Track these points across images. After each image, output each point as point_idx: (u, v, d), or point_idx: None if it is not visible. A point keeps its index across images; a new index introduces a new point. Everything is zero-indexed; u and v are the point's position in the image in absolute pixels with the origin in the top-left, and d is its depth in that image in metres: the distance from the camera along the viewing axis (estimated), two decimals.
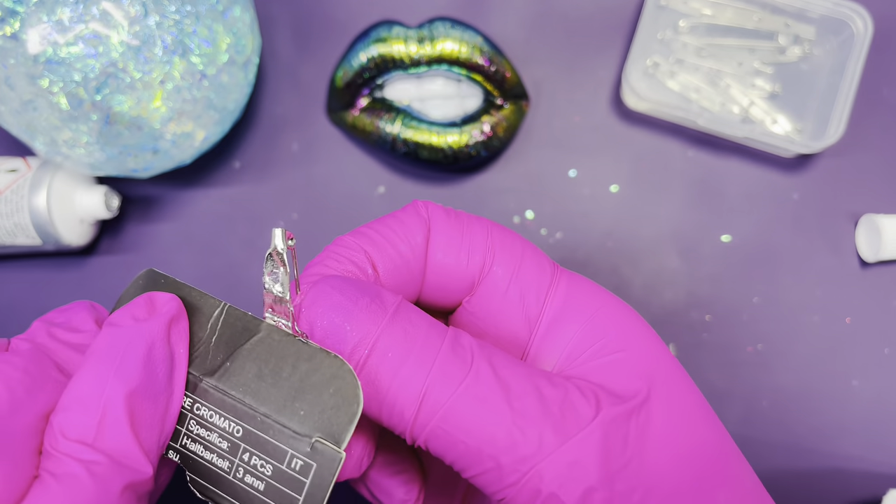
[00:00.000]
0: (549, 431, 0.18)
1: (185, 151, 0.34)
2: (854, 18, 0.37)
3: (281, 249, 0.19)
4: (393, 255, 0.22)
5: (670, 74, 0.39)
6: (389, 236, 0.22)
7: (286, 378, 0.20)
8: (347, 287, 0.20)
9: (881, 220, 0.36)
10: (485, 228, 0.23)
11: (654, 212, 0.38)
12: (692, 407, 0.21)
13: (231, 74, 0.33)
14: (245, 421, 0.20)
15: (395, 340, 0.19)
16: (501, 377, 0.19)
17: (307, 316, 0.19)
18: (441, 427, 0.18)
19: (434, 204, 0.23)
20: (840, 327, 0.38)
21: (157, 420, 0.20)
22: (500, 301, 0.22)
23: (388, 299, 0.20)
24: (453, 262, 0.22)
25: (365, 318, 0.19)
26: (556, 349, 0.21)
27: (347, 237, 0.22)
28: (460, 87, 0.37)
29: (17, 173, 0.35)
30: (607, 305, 0.22)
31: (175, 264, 0.39)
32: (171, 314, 0.20)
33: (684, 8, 0.39)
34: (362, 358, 0.19)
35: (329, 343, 0.19)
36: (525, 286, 0.22)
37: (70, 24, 0.29)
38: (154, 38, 0.30)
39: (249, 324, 0.21)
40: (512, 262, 0.22)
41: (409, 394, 0.18)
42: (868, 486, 0.37)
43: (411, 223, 0.22)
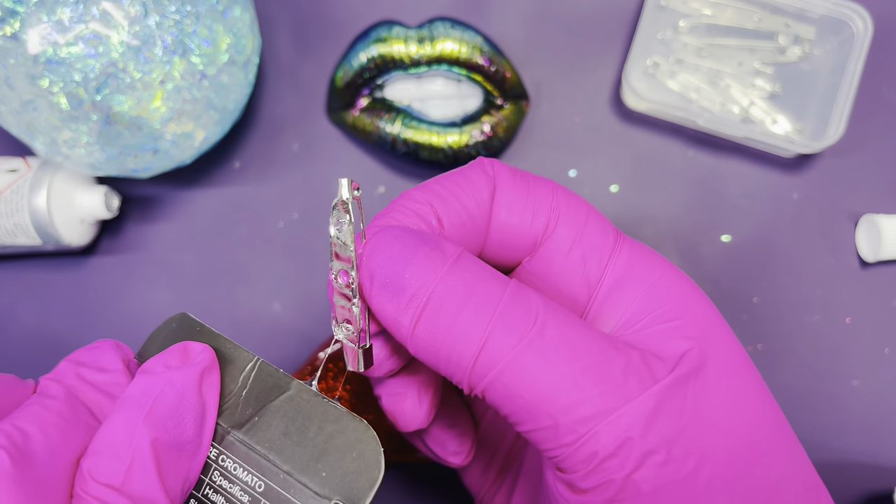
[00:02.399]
0: (610, 394, 0.18)
1: (185, 151, 0.34)
2: (854, 18, 0.37)
3: (346, 199, 0.19)
4: (459, 209, 0.22)
5: (670, 74, 0.39)
6: (456, 191, 0.22)
7: (311, 438, 0.20)
8: (407, 236, 0.19)
9: (881, 220, 0.36)
10: (550, 189, 0.22)
11: (654, 212, 0.38)
12: (748, 379, 0.21)
13: (231, 74, 0.33)
14: (268, 477, 0.20)
15: (455, 289, 0.19)
16: (566, 336, 0.19)
17: (367, 265, 0.19)
18: (500, 380, 0.18)
19: (500, 162, 0.23)
20: (840, 327, 0.38)
21: (183, 468, 0.20)
22: (561, 263, 0.22)
23: (448, 249, 0.19)
24: (517, 221, 0.22)
25: (424, 266, 0.19)
26: (614, 314, 0.21)
27: (415, 191, 0.22)
28: (460, 87, 0.37)
29: (17, 173, 0.35)
30: (668, 274, 0.22)
31: (175, 264, 0.39)
32: (203, 365, 0.21)
33: (684, 8, 0.39)
34: (421, 305, 0.19)
35: (389, 290, 0.19)
36: (587, 249, 0.22)
37: (70, 24, 0.29)
38: (154, 38, 0.30)
39: (280, 381, 0.21)
40: (576, 224, 0.22)
41: (467, 342, 0.18)
42: (868, 485, 0.37)
43: (478, 180, 0.22)
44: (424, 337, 0.19)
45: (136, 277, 0.39)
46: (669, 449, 0.18)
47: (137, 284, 0.39)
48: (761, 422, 0.20)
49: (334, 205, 0.19)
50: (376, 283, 0.19)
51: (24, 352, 0.39)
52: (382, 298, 0.19)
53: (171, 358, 0.21)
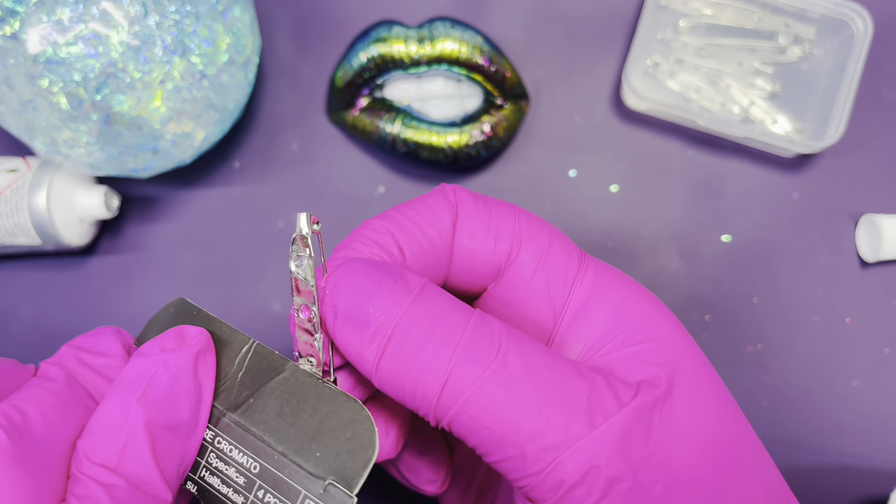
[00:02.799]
0: (575, 422, 0.18)
1: (185, 151, 0.34)
2: (854, 18, 0.37)
3: (305, 233, 0.19)
4: (420, 238, 0.22)
5: (670, 74, 0.39)
6: (417, 220, 0.22)
7: (306, 419, 0.20)
8: (370, 269, 0.20)
9: (881, 220, 0.36)
10: (512, 214, 0.23)
11: (654, 212, 0.38)
12: (716, 399, 0.21)
13: (231, 74, 0.33)
14: (263, 458, 0.20)
15: (419, 321, 0.19)
16: (529, 364, 0.19)
17: (331, 298, 0.19)
18: (464, 411, 0.18)
19: (462, 188, 0.23)
20: (840, 327, 0.38)
21: (179, 450, 0.20)
22: (525, 288, 0.22)
23: (412, 280, 0.19)
24: (480, 248, 0.22)
25: (388, 298, 0.19)
26: (580, 338, 0.21)
27: (375, 220, 0.22)
28: (460, 87, 0.37)
29: (17, 173, 0.35)
30: (633, 295, 0.22)
31: (175, 264, 0.39)
32: (199, 347, 0.21)
33: (684, 8, 0.39)
34: (385, 339, 0.19)
35: (352, 324, 0.19)
36: (551, 274, 0.22)
37: (70, 24, 0.29)
38: (154, 38, 0.30)
39: (276, 362, 0.21)
40: (539, 249, 0.22)
41: (431, 375, 0.18)
42: (869, 485, 0.37)
43: (439, 207, 0.22)
44: (389, 371, 0.19)
45: (136, 277, 0.39)
46: (636, 475, 0.18)
47: (137, 284, 0.39)
48: (729, 442, 0.20)
49: (294, 239, 0.19)
50: (340, 317, 0.19)
51: (24, 351, 0.39)
52: (346, 333, 0.19)
53: (167, 341, 0.21)
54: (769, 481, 0.21)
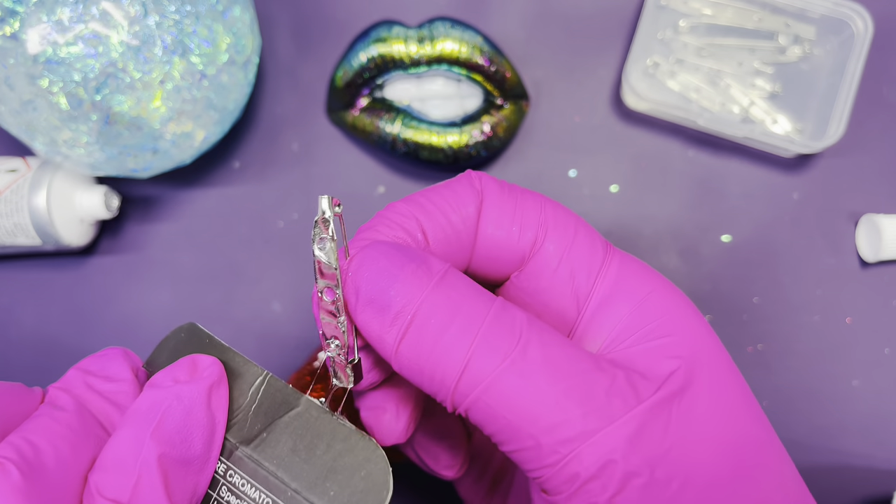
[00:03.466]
0: (593, 415, 0.18)
1: (185, 151, 0.34)
2: (854, 18, 0.37)
3: (328, 216, 0.19)
4: (444, 223, 0.21)
5: (670, 74, 0.39)
6: (441, 205, 0.22)
7: (319, 456, 0.20)
8: (394, 252, 0.19)
9: (881, 220, 0.36)
10: (538, 203, 0.22)
11: (654, 212, 0.38)
12: (736, 397, 0.20)
13: (231, 74, 0.33)
14: (275, 494, 0.20)
15: (440, 306, 0.19)
16: (549, 355, 0.19)
17: (353, 281, 0.19)
18: (482, 399, 0.18)
19: (488, 175, 0.23)
20: (840, 327, 0.38)
21: (190, 483, 0.20)
22: (549, 278, 0.22)
23: (434, 266, 0.19)
24: (504, 236, 0.22)
25: (410, 283, 0.19)
26: (603, 330, 0.21)
27: (400, 203, 0.22)
28: (460, 87, 0.37)
29: (17, 173, 0.35)
30: (658, 289, 0.21)
31: (175, 264, 0.39)
32: (212, 379, 0.21)
33: (684, 8, 0.39)
34: (405, 323, 0.19)
35: (374, 307, 0.19)
36: (576, 264, 0.22)
37: (70, 24, 0.29)
38: (154, 38, 0.30)
39: (289, 396, 0.21)
40: (564, 239, 0.22)
41: (451, 361, 0.18)
42: (869, 485, 0.37)
43: (464, 193, 0.22)
44: (408, 354, 0.19)
45: (136, 277, 0.39)
46: (652, 471, 0.18)
47: (137, 284, 0.39)
48: (747, 440, 0.20)
49: (316, 222, 0.19)
50: (361, 299, 0.19)
51: (24, 352, 0.39)
52: (367, 315, 0.19)
53: (180, 371, 0.21)
54: (786, 482, 0.21)
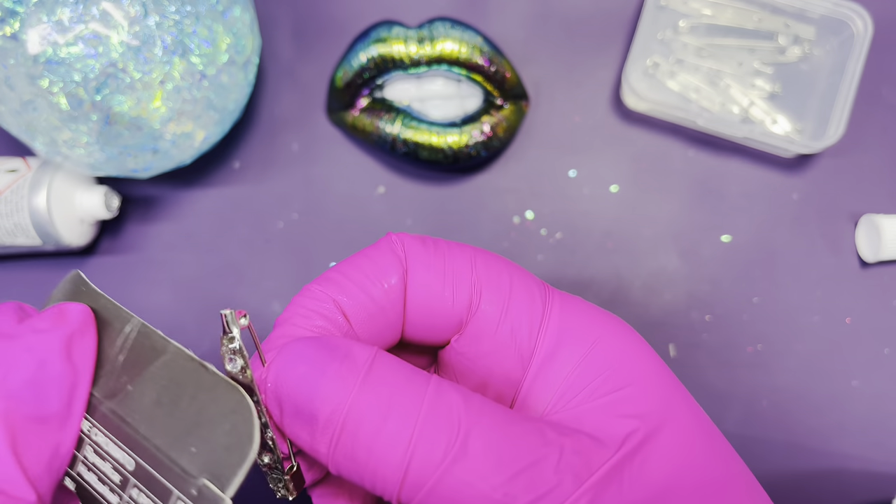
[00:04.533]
0: (545, 499, 0.17)
1: (185, 151, 0.34)
2: (854, 18, 0.37)
3: (234, 335, 0.18)
4: (365, 301, 0.20)
5: (670, 74, 0.39)
6: (360, 281, 0.20)
7: (184, 409, 0.18)
8: (312, 352, 0.18)
9: (881, 220, 0.36)
10: (467, 259, 0.21)
11: (654, 212, 0.38)
12: (699, 442, 0.20)
13: (231, 74, 0.33)
14: (138, 453, 0.18)
15: (370, 405, 0.17)
16: (491, 442, 0.18)
17: (274, 393, 0.18)
18: (428, 501, 0.18)
19: (409, 236, 0.22)
20: (840, 327, 0.38)
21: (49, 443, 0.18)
22: (490, 340, 0.21)
23: (359, 357, 0.18)
24: (437, 302, 0.21)
25: (334, 385, 0.18)
26: (549, 388, 0.20)
27: (314, 286, 0.21)
28: (460, 87, 0.37)
29: (17, 173, 0.35)
30: (605, 335, 0.21)
31: (175, 264, 0.39)
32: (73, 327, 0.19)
33: (684, 8, 0.39)
34: (336, 431, 0.17)
35: (300, 419, 0.18)
36: (516, 321, 0.21)
37: (70, 25, 0.29)
38: (154, 38, 0.30)
39: (157, 343, 0.19)
40: (500, 295, 0.21)
41: (389, 466, 0.17)
42: (869, 486, 0.37)
43: (385, 263, 0.21)
44: (344, 463, 0.18)
45: (136, 277, 0.39)
46: None
47: (137, 284, 0.39)
48: (711, 483, 0.19)
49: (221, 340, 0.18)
50: (286, 411, 0.18)
51: None
52: (295, 427, 0.18)
53: (43, 321, 0.19)
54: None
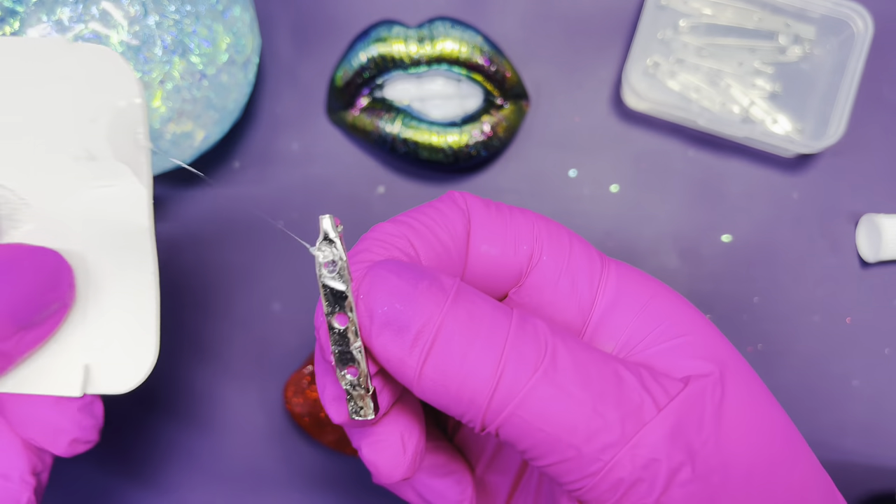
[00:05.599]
0: (630, 417, 0.18)
1: (184, 151, 0.34)
2: (854, 18, 0.37)
3: (333, 237, 0.18)
4: (434, 243, 0.21)
5: (670, 74, 0.39)
6: (430, 225, 0.21)
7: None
8: (405, 270, 0.19)
9: (881, 220, 0.36)
10: (529, 219, 0.22)
11: (654, 212, 0.38)
12: (758, 389, 0.20)
13: (231, 74, 0.33)
14: None
15: (461, 323, 0.18)
16: (578, 361, 0.18)
17: (366, 304, 0.18)
18: (517, 414, 0.18)
19: (471, 195, 0.22)
20: (840, 327, 0.38)
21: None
22: (551, 291, 0.21)
23: (446, 282, 0.18)
24: (499, 253, 0.21)
25: (426, 301, 0.18)
26: (612, 337, 0.21)
27: (387, 225, 0.21)
28: (460, 87, 0.37)
29: None
30: (660, 294, 0.21)
31: (175, 264, 0.39)
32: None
33: (684, 8, 0.39)
34: (428, 343, 0.18)
35: (392, 329, 0.18)
36: (576, 275, 0.21)
37: (70, 24, 0.29)
38: (154, 37, 0.30)
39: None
40: (561, 250, 0.21)
41: (480, 378, 0.18)
42: (868, 486, 0.37)
43: (451, 213, 0.21)
44: (433, 377, 0.18)
45: None
46: (694, 467, 0.18)
47: None
48: (777, 432, 0.20)
49: (319, 246, 0.18)
50: (376, 322, 0.18)
51: None
52: (385, 338, 0.18)
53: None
54: (816, 472, 0.20)
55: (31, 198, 0.20)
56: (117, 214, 0.20)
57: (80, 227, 0.20)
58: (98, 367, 0.21)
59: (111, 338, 0.21)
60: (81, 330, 0.21)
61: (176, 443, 0.38)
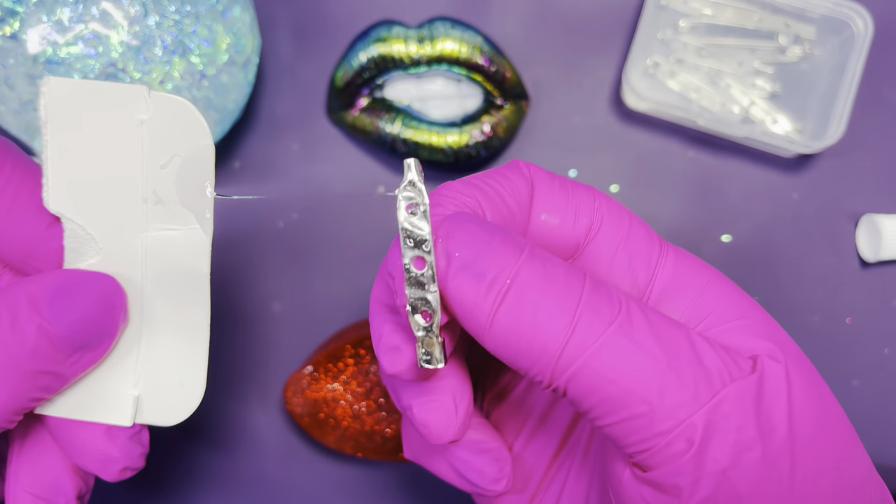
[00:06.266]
0: (704, 381, 0.17)
1: None
2: (854, 18, 0.37)
3: (417, 181, 0.18)
4: (501, 206, 0.20)
5: (670, 74, 0.39)
6: (497, 188, 0.21)
7: None
8: (482, 221, 0.19)
9: (881, 220, 0.36)
10: (590, 193, 0.22)
11: (654, 212, 0.38)
12: (819, 380, 0.20)
13: (231, 74, 0.33)
14: None
15: (536, 274, 0.18)
16: (651, 320, 0.18)
17: (444, 247, 0.18)
18: (589, 365, 0.17)
19: (536, 165, 0.22)
20: (840, 327, 0.38)
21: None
22: (608, 266, 0.21)
23: (520, 239, 0.18)
24: (558, 223, 0.21)
25: (504, 250, 0.18)
26: (672, 315, 0.20)
27: (456, 184, 0.21)
28: (460, 87, 0.37)
29: None
30: (718, 280, 0.21)
31: None
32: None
33: (684, 8, 0.39)
34: (503, 289, 0.17)
35: (468, 273, 0.18)
36: (634, 253, 0.21)
37: (70, 25, 0.29)
38: (154, 38, 0.30)
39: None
40: (619, 226, 0.21)
41: (554, 327, 0.17)
42: None
43: (516, 180, 0.21)
44: (506, 323, 0.18)
45: None
46: (764, 447, 0.17)
47: None
48: (839, 423, 0.19)
49: (403, 188, 0.18)
50: (454, 265, 0.18)
51: None
52: (461, 281, 0.18)
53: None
54: (871, 465, 0.20)
55: (98, 233, 0.21)
56: (178, 257, 0.21)
57: (141, 263, 0.21)
58: (148, 398, 0.21)
59: (162, 371, 0.21)
60: (134, 361, 0.21)
61: (175, 443, 0.38)
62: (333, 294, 0.38)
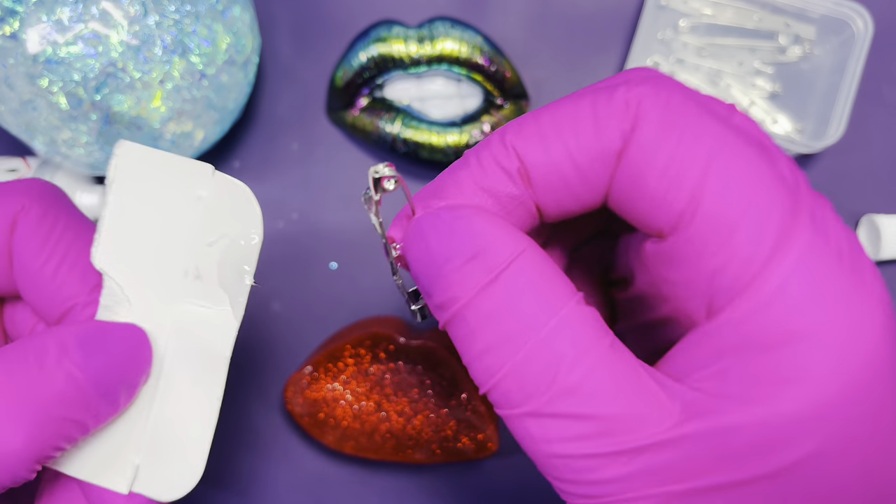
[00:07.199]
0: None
1: (184, 151, 0.34)
2: (854, 18, 0.37)
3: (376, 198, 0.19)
4: (563, 164, 0.17)
5: (670, 74, 0.39)
6: (567, 139, 0.17)
7: None
8: (446, 234, 0.17)
9: (881, 220, 0.36)
10: (706, 152, 0.16)
11: None
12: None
13: (231, 74, 0.33)
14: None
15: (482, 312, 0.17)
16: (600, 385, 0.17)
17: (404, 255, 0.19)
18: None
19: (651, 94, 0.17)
20: None
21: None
22: (694, 268, 0.16)
23: (501, 254, 0.16)
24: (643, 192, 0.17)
25: (455, 280, 0.17)
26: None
27: (512, 127, 0.18)
28: (460, 87, 0.37)
29: (17, 173, 0.35)
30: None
31: None
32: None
33: (684, 8, 0.39)
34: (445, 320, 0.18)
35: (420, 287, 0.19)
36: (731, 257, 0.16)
37: (69, 24, 0.29)
38: (154, 37, 0.30)
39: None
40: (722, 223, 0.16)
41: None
42: None
43: (608, 123, 0.17)
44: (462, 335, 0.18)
45: None
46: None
47: None
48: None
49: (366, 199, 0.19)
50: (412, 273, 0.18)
51: None
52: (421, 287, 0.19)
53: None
54: None
55: (134, 296, 0.21)
56: (204, 335, 0.21)
57: (167, 333, 0.21)
58: (147, 468, 0.21)
59: (166, 444, 0.21)
60: (141, 430, 0.21)
61: None
62: (333, 294, 0.38)
